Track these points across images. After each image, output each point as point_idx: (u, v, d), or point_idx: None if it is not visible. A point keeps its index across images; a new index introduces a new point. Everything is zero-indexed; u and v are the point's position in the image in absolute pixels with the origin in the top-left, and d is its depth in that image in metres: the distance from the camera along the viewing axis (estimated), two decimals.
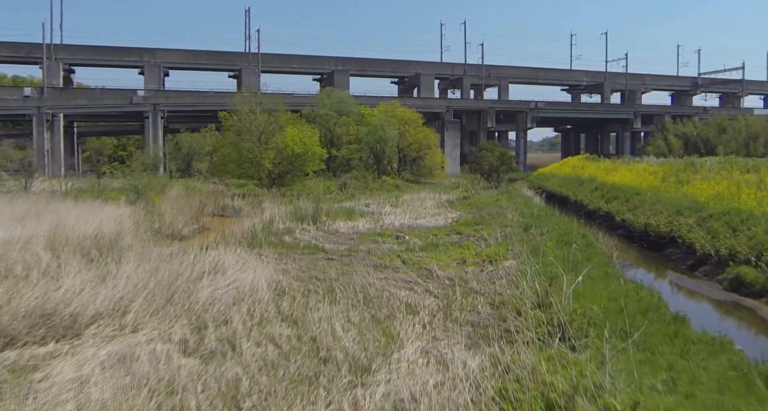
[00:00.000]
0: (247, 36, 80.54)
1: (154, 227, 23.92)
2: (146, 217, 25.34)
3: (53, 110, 63.67)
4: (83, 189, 38.15)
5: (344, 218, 27.53)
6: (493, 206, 32.07)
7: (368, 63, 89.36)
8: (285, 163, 38.58)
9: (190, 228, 25.33)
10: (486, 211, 29.70)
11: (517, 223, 25.05)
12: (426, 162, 58.70)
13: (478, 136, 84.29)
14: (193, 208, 28.14)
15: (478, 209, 31.50)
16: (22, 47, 72.09)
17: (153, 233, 23.29)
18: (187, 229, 24.97)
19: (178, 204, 29.52)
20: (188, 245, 19.78)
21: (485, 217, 27.07)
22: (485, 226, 24.23)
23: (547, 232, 22.91)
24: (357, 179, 46.89)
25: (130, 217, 25.09)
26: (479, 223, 25.23)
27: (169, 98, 68.14)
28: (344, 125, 56.39)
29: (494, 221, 25.58)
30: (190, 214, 26.89)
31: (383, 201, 36.13)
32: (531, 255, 17.09)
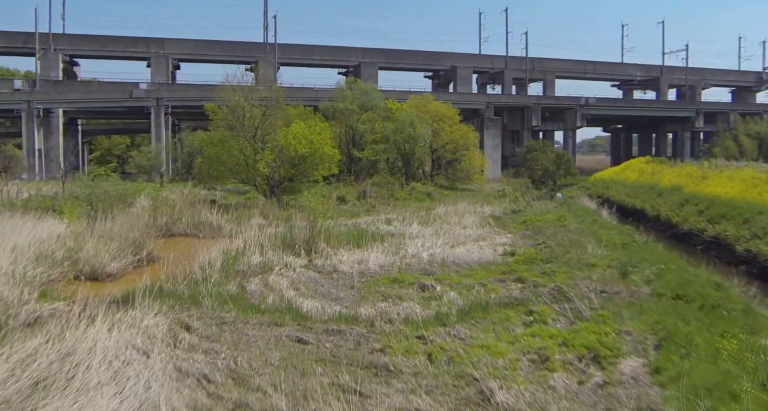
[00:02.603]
0: (265, 25, 73.02)
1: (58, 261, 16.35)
2: (60, 244, 17.73)
3: (44, 105, 56.77)
4: (41, 197, 30.75)
5: (352, 245, 19.58)
6: (557, 227, 23.79)
7: (398, 54, 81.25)
8: (287, 166, 30.69)
9: (124, 261, 17.52)
10: (550, 236, 21.47)
11: (604, 260, 16.81)
12: (463, 165, 50.47)
13: (521, 135, 75.72)
14: (138, 229, 20.33)
15: (536, 231, 23.27)
16: (18, 37, 65.62)
17: (55, 269, 15.88)
18: (118, 264, 17.19)
19: (127, 221, 21.86)
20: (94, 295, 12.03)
21: (553, 249, 18.83)
22: (558, 267, 16.06)
23: (654, 278, 14.76)
24: (380, 186, 38.84)
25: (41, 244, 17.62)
26: (547, 261, 17.03)
27: (173, 92, 60.80)
28: (369, 122, 48.42)
29: (569, 257, 17.35)
30: (133, 239, 19.04)
31: (410, 215, 28.17)
32: (666, 345, 9.22)
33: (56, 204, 27.29)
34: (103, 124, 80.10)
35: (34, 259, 16.57)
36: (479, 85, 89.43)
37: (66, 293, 14.43)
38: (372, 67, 76.51)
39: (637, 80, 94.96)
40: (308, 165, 30.98)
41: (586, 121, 78.37)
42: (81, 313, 11.56)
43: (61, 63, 66.82)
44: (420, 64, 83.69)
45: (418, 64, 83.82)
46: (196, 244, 21.02)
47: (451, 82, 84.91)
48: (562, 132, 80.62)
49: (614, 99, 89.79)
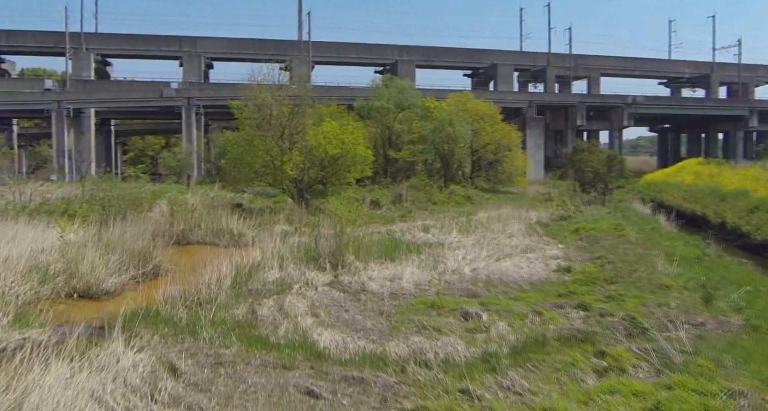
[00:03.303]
0: (299, 22, 71.22)
1: (51, 275, 14.45)
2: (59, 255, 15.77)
3: (74, 105, 55.65)
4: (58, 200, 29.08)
5: (383, 257, 17.31)
6: (615, 237, 21.21)
7: (436, 52, 78.72)
8: (316, 168, 28.54)
9: (125, 275, 15.47)
10: (609, 248, 18.95)
11: (678, 279, 14.30)
12: (505, 166, 47.88)
13: (564, 136, 72.72)
14: (149, 238, 18.29)
15: (592, 242, 20.73)
16: (50, 37, 64.77)
17: (46, 285, 14.02)
18: (118, 279, 15.11)
19: (139, 228, 19.91)
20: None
21: (615, 264, 16.34)
22: (625, 289, 13.57)
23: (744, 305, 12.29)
24: (417, 189, 36.49)
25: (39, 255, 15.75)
26: (612, 281, 14.54)
27: (204, 91, 59.18)
28: (406, 121, 46.13)
29: (636, 276, 14.84)
30: (140, 250, 16.99)
31: (449, 222, 25.87)
32: None
33: (70, 208, 25.58)
34: (136, 124, 79.14)
35: (25, 272, 14.69)
36: (520, 83, 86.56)
37: (49, 316, 12.48)
38: (409, 65, 74.19)
39: (685, 78, 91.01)
40: (339, 167, 28.82)
41: (633, 121, 74.98)
42: (54, 345, 9.59)
43: (93, 63, 65.80)
44: (459, 61, 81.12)
45: (456, 62, 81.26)
46: (213, 255, 18.95)
47: (491, 80, 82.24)
48: (607, 132, 77.41)
49: (663, 97, 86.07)
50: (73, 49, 63.55)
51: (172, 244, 21.86)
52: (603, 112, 75.42)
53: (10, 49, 67.79)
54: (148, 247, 17.36)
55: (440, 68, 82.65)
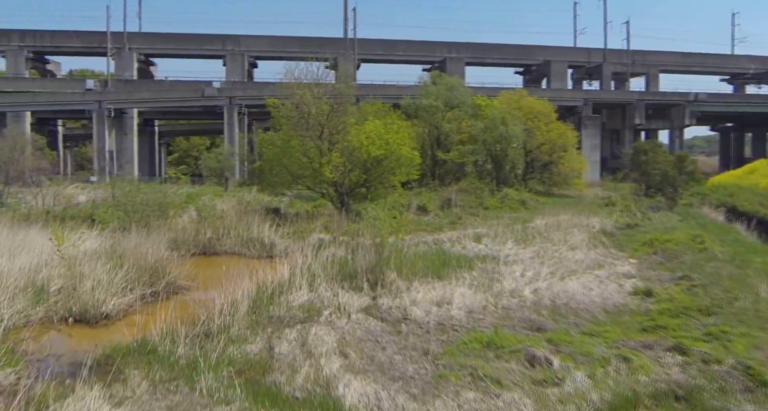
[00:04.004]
0: (344, 18, 69.18)
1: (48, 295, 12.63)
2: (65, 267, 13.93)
3: (115, 104, 54.70)
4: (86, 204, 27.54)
5: (430, 274, 15.02)
6: (697, 251, 18.53)
7: (487, 49, 75.84)
8: (358, 171, 26.35)
9: (131, 296, 13.46)
10: (692, 266, 16.32)
11: None
12: (560, 168, 45.05)
13: (621, 135, 69.24)
14: (161, 250, 16.31)
15: (669, 257, 18.12)
16: (94, 36, 64.15)
17: (40, 307, 12.27)
18: (122, 299, 13.11)
19: (158, 238, 18.08)
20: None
21: (707, 288, 13.76)
22: (727, 323, 11.08)
23: None
24: (467, 193, 34.03)
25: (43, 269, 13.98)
26: (707, 311, 12.01)
27: (246, 90, 57.57)
28: (455, 120, 43.68)
29: (737, 305, 12.27)
30: (153, 263, 15.00)
31: (504, 230, 23.50)
32: None
33: (95, 213, 23.91)
34: (180, 124, 78.31)
35: (18, 291, 12.85)
36: (574, 80, 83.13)
37: (30, 348, 10.57)
38: (458, 63, 71.59)
39: (750, 74, 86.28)
40: (383, 169, 26.56)
41: (695, 119, 71.02)
42: (11, 394, 7.76)
43: (136, 62, 64.95)
44: (510, 58, 78.17)
45: (507, 59, 78.33)
46: (238, 267, 16.94)
47: (543, 77, 79.20)
48: (665, 132, 73.66)
49: (727, 94, 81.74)
50: (115, 49, 62.83)
51: (196, 255, 20.05)
52: (662, 111, 71.63)
53: (55, 50, 67.48)
54: (162, 260, 15.35)
55: (490, 66, 79.87)
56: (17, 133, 47.49)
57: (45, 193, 25.88)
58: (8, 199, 27.81)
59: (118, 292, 13.26)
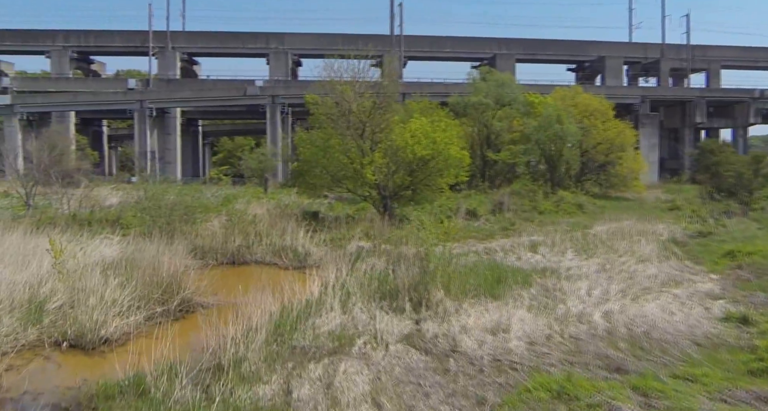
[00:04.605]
0: (391, 15, 67.27)
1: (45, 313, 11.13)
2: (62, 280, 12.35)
3: (156, 104, 53.86)
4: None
5: (483, 294, 13.05)
6: None
7: (538, 45, 73.15)
8: (402, 172, 24.42)
9: (138, 315, 11.78)
10: None
11: None
12: (618, 169, 42.41)
13: (681, 134, 65.92)
14: (179, 261, 14.60)
15: (759, 272, 15.76)
16: (137, 36, 63.55)
17: (33, 328, 10.86)
18: (125, 320, 11.45)
19: (180, 246, 16.50)
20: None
21: None
22: None
23: None
24: (520, 195, 31.80)
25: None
26: None
27: (289, 89, 56.11)
28: (506, 118, 41.43)
29: None
30: (169, 276, 13.28)
31: (562, 237, 21.38)
32: None
33: (123, 217, 22.45)
34: (224, 124, 77.45)
35: (13, 309, 11.35)
36: (629, 77, 79.78)
37: (11, 380, 9.02)
38: (508, 59, 69.12)
39: None
40: (430, 170, 24.58)
41: (761, 117, 67.18)
42: None
43: (179, 62, 64.16)
44: (562, 54, 75.29)
45: (559, 55, 75.46)
46: (266, 281, 15.20)
47: (597, 74, 76.28)
48: (729, 130, 69.97)
49: None
50: (158, 48, 62.06)
51: (223, 264, 18.41)
52: (724, 108, 68.02)
53: (98, 50, 67.17)
54: (179, 273, 13.62)
55: (542, 62, 77.08)
56: (60, 134, 46.93)
57: (71, 195, 24.55)
58: (38, 201, 26.58)
59: (123, 311, 11.62)
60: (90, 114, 60.20)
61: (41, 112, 54.99)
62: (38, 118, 54.19)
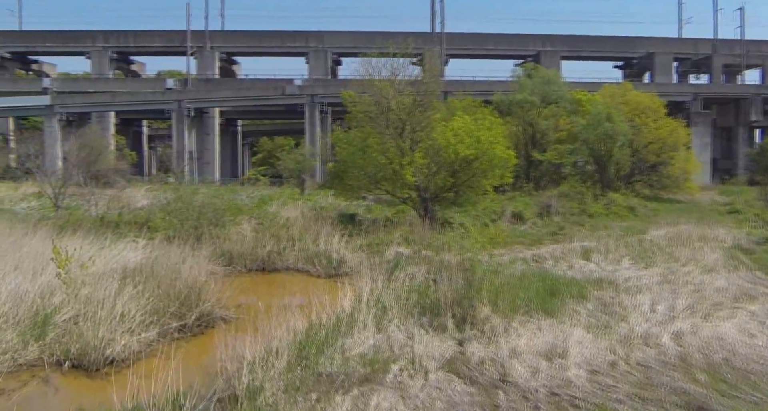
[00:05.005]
0: (432, 12, 65.92)
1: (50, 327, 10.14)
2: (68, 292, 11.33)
3: (194, 104, 53.35)
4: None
5: (534, 309, 11.71)
6: None
7: (583, 41, 70.85)
8: (444, 173, 23.07)
9: (150, 332, 10.70)
10: None
11: None
12: (670, 169, 40.39)
13: (734, 133, 63.25)
14: (199, 270, 13.50)
15: None
16: (176, 35, 63.26)
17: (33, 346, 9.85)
18: (136, 338, 10.35)
19: (204, 251, 15.44)
20: None
21: None
22: None
23: None
24: (568, 197, 30.19)
25: None
26: None
27: (328, 87, 55.02)
28: (551, 117, 39.76)
29: None
30: (188, 287, 12.16)
31: (616, 243, 19.85)
32: None
33: (152, 220, 21.52)
34: (264, 124, 76.92)
35: (17, 322, 10.41)
36: (679, 74, 77.02)
37: None
38: (553, 57, 67.13)
39: None
40: (473, 171, 23.18)
41: None
42: None
43: (218, 61, 63.75)
44: (609, 51, 72.91)
45: (606, 52, 73.08)
46: (295, 291, 14.08)
47: (645, 71, 73.75)
48: None
49: None
50: (197, 48, 61.68)
51: (252, 271, 17.33)
52: None
53: (138, 50, 67.12)
54: (200, 282, 12.49)
55: (587, 59, 74.77)
56: (98, 134, 46.72)
57: (99, 197, 23.76)
58: (68, 202, 25.89)
59: (134, 327, 10.53)
60: (129, 114, 60.07)
61: (80, 112, 54.93)
62: (78, 119, 54.11)
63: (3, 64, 65.73)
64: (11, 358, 9.40)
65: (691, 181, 41.93)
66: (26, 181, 34.55)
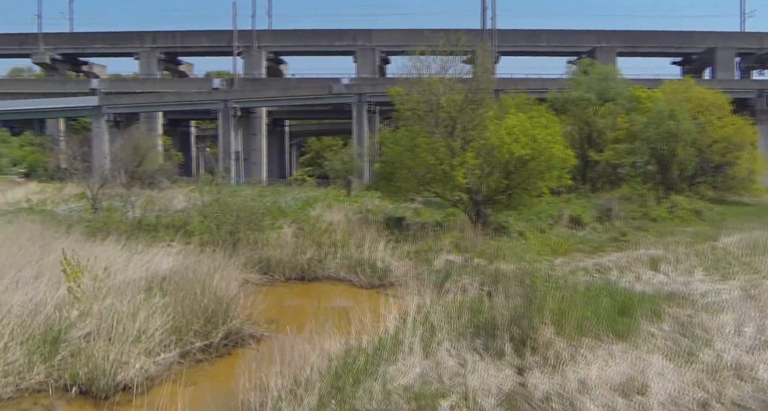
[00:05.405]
0: (483, 8, 64.22)
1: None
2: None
3: (240, 103, 52.81)
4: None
5: (603, 329, 10.25)
6: None
7: (640, 37, 68.26)
8: (498, 174, 21.65)
9: (170, 352, 9.62)
10: None
11: None
12: (736, 170, 38.12)
13: None
14: (228, 280, 12.37)
15: None
16: (223, 35, 63.09)
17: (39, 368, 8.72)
18: (153, 360, 9.26)
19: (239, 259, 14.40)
20: None
21: None
22: None
23: None
24: (629, 200, 28.43)
25: None
26: None
27: (376, 86, 53.82)
28: (609, 115, 37.89)
29: None
30: (217, 299, 11.04)
31: (687, 251, 18.17)
32: None
33: (190, 223, 20.59)
34: (311, 124, 76.23)
35: (26, 339, 9.43)
36: (741, 70, 73.72)
37: None
38: (609, 53, 64.73)
39: None
40: (529, 173, 21.70)
41: None
42: None
43: (265, 61, 63.29)
44: (667, 46, 70.09)
45: (664, 48, 70.27)
46: (335, 304, 12.89)
47: (706, 67, 70.85)
48: None
49: None
50: (244, 48, 61.32)
51: (291, 280, 16.22)
52: None
53: (185, 50, 67.19)
54: (228, 296, 11.37)
55: (645, 55, 72.06)
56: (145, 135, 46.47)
57: (136, 199, 22.97)
58: (107, 204, 25.21)
59: (152, 347, 9.42)
60: (176, 115, 60.05)
61: (128, 113, 54.99)
62: (125, 120, 54.14)
63: (54, 65, 66.44)
64: (14, 382, 8.40)
65: (758, 183, 39.58)
66: (71, 182, 34.19)
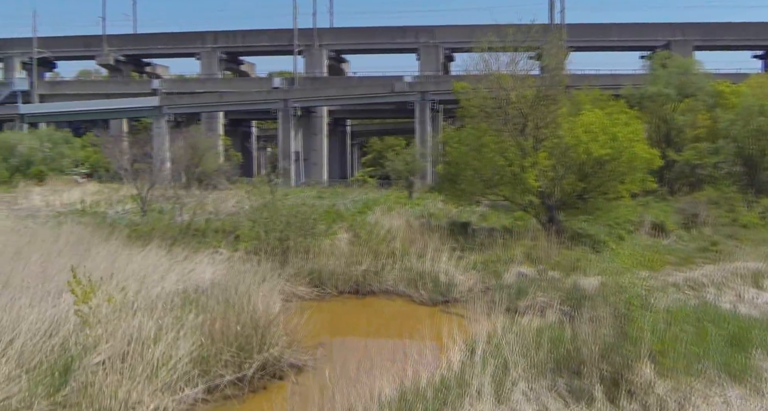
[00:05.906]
0: (550, 2, 61.67)
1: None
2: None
3: (300, 103, 51.89)
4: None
5: (713, 367, 8.32)
6: None
7: (719, 29, 64.30)
8: (573, 177, 19.70)
9: (196, 387, 8.15)
10: None
11: None
12: None
13: None
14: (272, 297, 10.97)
15: None
16: (283, 34, 62.26)
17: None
18: (171, 398, 7.80)
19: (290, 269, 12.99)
20: None
21: None
22: None
23: None
24: (716, 204, 26.01)
25: None
26: None
27: (440, 84, 52.00)
28: (689, 112, 35.28)
29: None
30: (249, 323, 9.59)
31: None
32: None
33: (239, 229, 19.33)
34: (374, 124, 74.99)
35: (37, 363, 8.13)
36: None
37: None
38: (685, 47, 61.20)
39: None
40: (608, 175, 19.69)
41: None
42: None
43: (326, 59, 62.23)
44: (748, 39, 65.86)
45: (744, 40, 66.03)
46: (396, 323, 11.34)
47: None
48: None
49: None
50: (305, 46, 60.44)
51: (345, 293, 14.72)
52: None
53: (246, 50, 66.68)
54: (266, 318, 9.89)
55: (723, 49, 67.99)
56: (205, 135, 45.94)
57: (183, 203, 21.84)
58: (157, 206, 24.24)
59: (174, 381, 8.01)
60: (236, 115, 59.58)
61: (188, 113, 54.71)
62: (186, 120, 53.86)
63: (118, 67, 66.87)
64: None
65: None
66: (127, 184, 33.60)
